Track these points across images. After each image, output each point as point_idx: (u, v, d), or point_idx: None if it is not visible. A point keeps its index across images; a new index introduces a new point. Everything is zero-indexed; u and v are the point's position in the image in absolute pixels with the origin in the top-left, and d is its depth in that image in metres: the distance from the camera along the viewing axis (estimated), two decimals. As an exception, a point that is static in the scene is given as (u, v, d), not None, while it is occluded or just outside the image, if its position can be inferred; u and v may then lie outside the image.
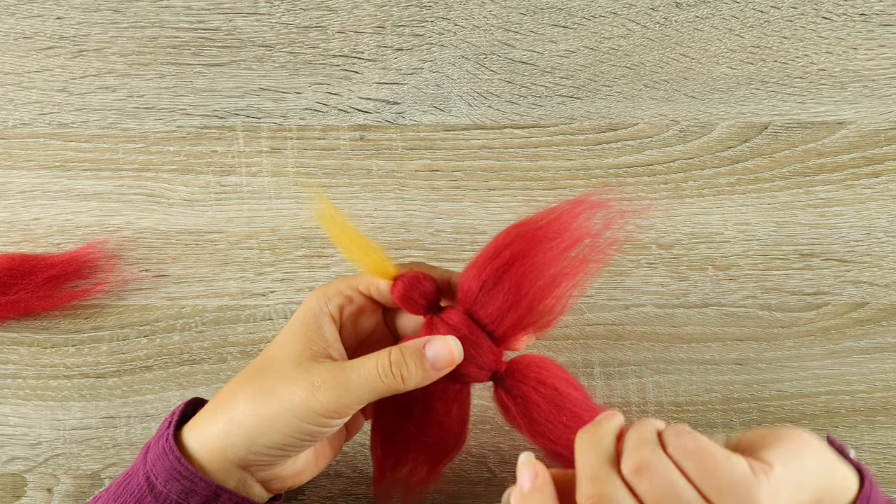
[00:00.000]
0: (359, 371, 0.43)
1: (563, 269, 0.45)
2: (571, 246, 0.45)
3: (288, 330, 0.46)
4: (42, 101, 0.60)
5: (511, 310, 0.45)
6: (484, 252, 0.45)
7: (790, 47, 0.60)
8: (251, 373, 0.45)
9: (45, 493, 0.58)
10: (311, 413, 0.43)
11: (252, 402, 0.43)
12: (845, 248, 0.59)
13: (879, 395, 0.58)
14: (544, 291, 0.44)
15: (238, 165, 0.60)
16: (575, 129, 0.60)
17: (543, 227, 0.45)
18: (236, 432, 0.43)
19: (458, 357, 0.45)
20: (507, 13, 0.60)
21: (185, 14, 0.60)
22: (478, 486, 0.58)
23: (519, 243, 0.44)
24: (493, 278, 0.44)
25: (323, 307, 0.46)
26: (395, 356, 0.43)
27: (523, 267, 0.44)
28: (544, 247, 0.44)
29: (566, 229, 0.45)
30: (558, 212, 0.45)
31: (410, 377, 0.43)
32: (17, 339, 0.59)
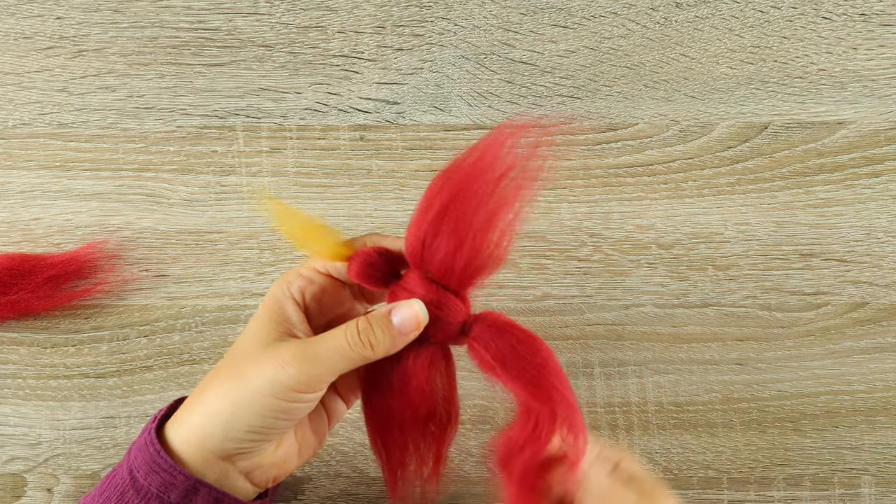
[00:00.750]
0: (327, 342, 0.43)
1: (498, 202, 0.44)
2: (501, 178, 0.44)
3: (254, 319, 0.46)
4: (42, 101, 0.60)
5: (457, 255, 0.44)
6: (418, 207, 0.45)
7: (790, 47, 0.60)
8: (223, 364, 0.45)
9: (45, 493, 0.58)
10: (283, 388, 0.43)
11: (224, 388, 0.43)
12: (845, 248, 0.59)
13: (879, 395, 0.58)
14: (485, 228, 0.44)
15: (238, 165, 0.60)
16: (575, 129, 0.60)
17: (469, 166, 0.44)
18: (212, 422, 0.43)
19: (424, 318, 0.45)
20: (507, 13, 0.60)
21: (185, 14, 0.60)
22: (478, 486, 0.58)
23: (448, 188, 0.44)
24: (431, 230, 0.44)
25: (284, 291, 0.46)
26: (362, 325, 0.44)
27: (457, 210, 0.43)
28: (474, 185, 0.43)
29: (492, 163, 0.44)
30: (480, 147, 0.44)
31: (379, 343, 0.44)
32: (17, 339, 0.59)
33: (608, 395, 0.57)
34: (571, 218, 0.59)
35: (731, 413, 0.58)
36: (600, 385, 0.58)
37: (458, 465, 0.58)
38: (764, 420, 0.58)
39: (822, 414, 0.58)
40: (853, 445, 0.57)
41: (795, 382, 0.58)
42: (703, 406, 0.58)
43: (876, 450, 0.57)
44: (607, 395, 0.57)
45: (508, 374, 0.45)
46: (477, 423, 0.58)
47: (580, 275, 0.59)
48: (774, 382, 0.58)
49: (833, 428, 0.58)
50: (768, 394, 0.58)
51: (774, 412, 0.58)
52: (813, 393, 0.58)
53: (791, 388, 0.58)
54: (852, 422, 0.58)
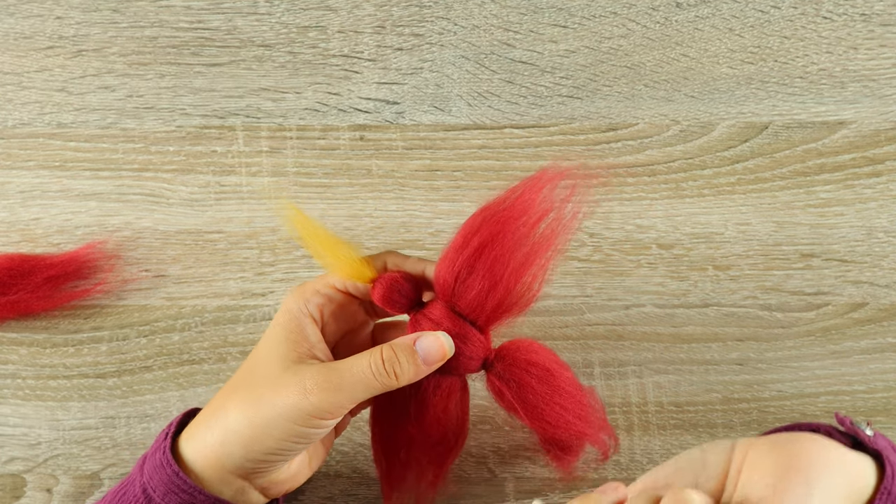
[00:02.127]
0: (351, 370, 0.43)
1: (534, 246, 0.44)
2: (538, 221, 0.45)
3: (270, 335, 0.46)
4: (42, 101, 0.60)
5: (490, 295, 0.44)
6: (454, 242, 0.45)
7: (790, 47, 0.60)
8: (240, 380, 0.45)
9: (45, 493, 0.58)
10: (304, 416, 0.43)
11: (244, 409, 0.43)
12: (845, 248, 0.59)
13: (879, 395, 0.58)
14: (519, 271, 0.44)
15: (238, 165, 0.60)
16: (575, 129, 0.60)
17: (508, 208, 0.44)
18: (232, 441, 0.43)
19: (450, 351, 0.45)
20: (507, 13, 0.60)
21: (184, 14, 0.60)
22: (478, 486, 0.58)
23: (486, 227, 0.44)
24: (466, 267, 0.44)
25: (302, 308, 0.46)
26: (387, 354, 0.43)
27: (494, 251, 0.44)
28: (512, 227, 0.44)
29: (531, 206, 0.44)
30: (520, 190, 0.45)
31: (403, 373, 0.44)
32: (17, 339, 0.59)
33: (608, 396, 0.57)
34: (571, 218, 0.59)
35: (731, 413, 0.58)
36: (600, 385, 0.58)
37: (458, 465, 0.58)
38: (764, 420, 0.58)
39: (822, 414, 0.58)
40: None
41: (796, 383, 0.58)
42: (703, 406, 0.58)
43: (876, 450, 0.57)
44: (607, 396, 0.57)
45: (527, 413, 0.46)
46: (477, 422, 0.58)
47: (580, 275, 0.59)
48: (774, 382, 0.58)
49: (833, 428, 0.58)
50: (768, 394, 0.58)
51: (774, 412, 0.58)
52: (813, 393, 0.58)
53: (791, 389, 0.58)
54: (853, 422, 0.58)
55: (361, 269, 0.46)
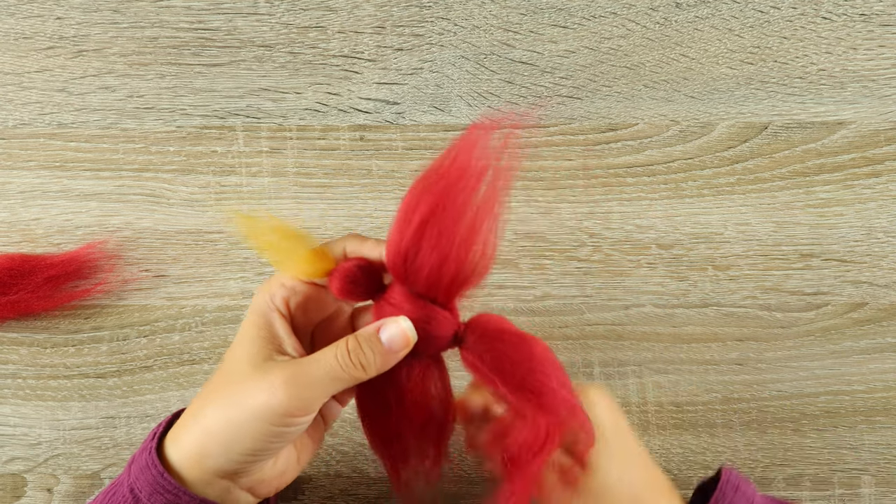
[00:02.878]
0: (318, 364, 0.43)
1: (478, 210, 0.42)
2: (477, 183, 0.42)
3: (241, 333, 0.45)
4: (42, 101, 0.60)
5: (442, 270, 0.43)
6: (396, 221, 0.43)
7: (790, 47, 0.60)
8: (216, 381, 0.45)
9: (45, 493, 0.58)
10: (276, 414, 0.42)
11: (219, 410, 0.43)
12: (845, 248, 0.59)
13: (879, 395, 0.58)
14: (468, 240, 0.43)
15: (238, 165, 0.60)
16: (575, 129, 0.60)
17: (444, 175, 0.43)
18: (210, 442, 0.43)
19: (412, 335, 0.44)
20: (507, 13, 0.60)
21: (185, 14, 0.60)
22: (478, 486, 0.58)
23: (426, 200, 0.43)
24: (413, 246, 0.43)
25: (269, 303, 0.45)
26: (351, 345, 0.43)
27: (438, 223, 0.42)
28: (451, 194, 0.42)
29: (466, 168, 0.42)
30: (453, 153, 0.43)
31: (370, 363, 0.43)
32: (17, 339, 0.59)
33: (608, 395, 0.57)
34: (571, 218, 0.59)
35: (731, 413, 0.58)
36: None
37: (458, 465, 0.58)
38: (764, 420, 0.58)
39: (822, 414, 0.58)
40: (853, 445, 0.57)
41: (795, 382, 0.58)
42: (703, 406, 0.58)
43: (876, 450, 0.57)
44: (607, 395, 0.57)
45: (507, 384, 0.45)
46: (477, 423, 0.58)
47: (580, 275, 0.59)
48: (774, 382, 0.58)
49: (833, 428, 0.58)
50: (768, 394, 0.58)
51: (774, 412, 0.58)
52: (813, 393, 0.58)
53: (791, 389, 0.58)
54: (852, 422, 0.58)
55: (317, 263, 0.45)
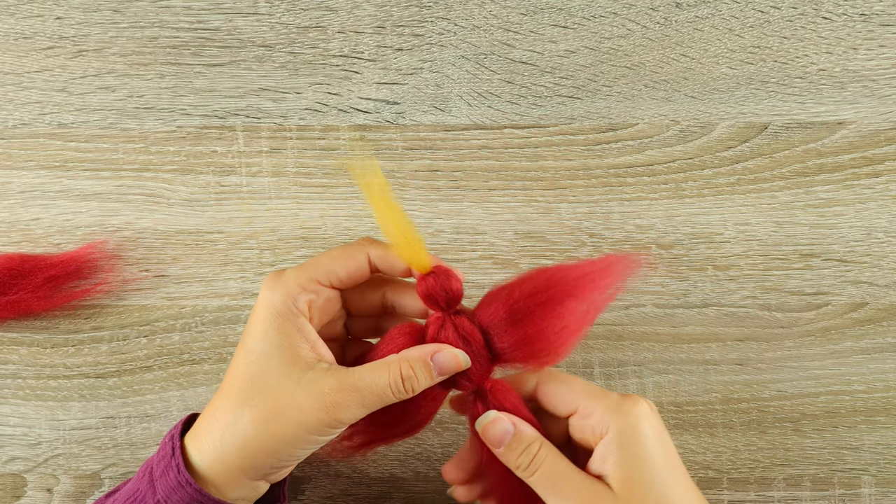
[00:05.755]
0: (370, 387, 0.44)
1: (578, 319, 0.46)
2: (594, 300, 0.46)
3: (263, 338, 0.45)
4: (42, 101, 0.60)
5: (524, 345, 0.46)
6: (524, 284, 0.46)
7: (790, 47, 0.60)
8: (247, 391, 0.44)
9: (45, 493, 0.58)
10: (325, 427, 0.43)
11: (263, 425, 0.43)
12: (845, 248, 0.59)
13: (879, 395, 0.58)
14: (558, 337, 0.46)
15: (238, 165, 0.60)
16: (575, 129, 0.60)
17: (581, 280, 0.46)
18: (254, 456, 0.44)
19: (465, 365, 0.46)
20: (507, 13, 0.60)
21: (185, 14, 0.60)
22: (478, 486, 0.58)
23: (557, 288, 0.45)
24: (522, 312, 0.46)
25: (292, 308, 0.45)
26: (405, 371, 0.44)
27: (554, 312, 0.45)
28: (574, 299, 0.46)
29: (598, 288, 0.46)
30: (600, 267, 0.46)
31: (419, 388, 0.45)
32: (17, 339, 0.59)
33: (608, 395, 0.57)
34: (571, 218, 0.59)
35: (731, 413, 0.58)
36: (600, 385, 0.58)
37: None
38: (764, 420, 0.58)
39: (822, 414, 0.58)
40: (853, 445, 0.57)
41: (795, 382, 0.58)
42: (703, 406, 0.58)
43: (876, 450, 0.57)
44: (607, 395, 0.57)
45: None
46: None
47: (580, 275, 0.59)
48: (774, 382, 0.58)
49: (833, 428, 0.58)
50: (768, 394, 0.58)
51: (774, 412, 0.58)
52: (813, 393, 0.58)
53: (791, 389, 0.58)
54: (852, 422, 0.58)
55: (422, 257, 0.46)
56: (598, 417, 0.45)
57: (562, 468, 0.44)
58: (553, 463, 0.44)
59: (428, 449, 0.58)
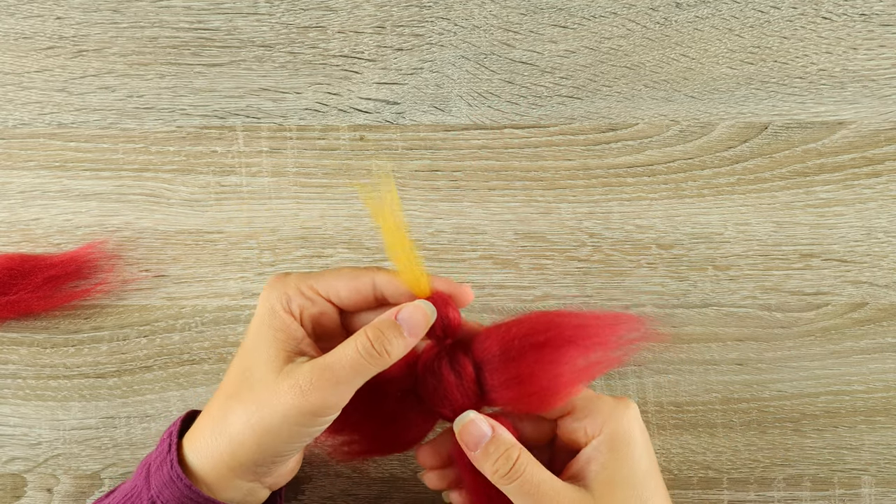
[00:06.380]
0: (341, 361, 0.43)
1: (575, 370, 0.45)
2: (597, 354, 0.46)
3: (255, 334, 0.45)
4: (42, 101, 0.60)
5: (514, 385, 0.45)
6: (522, 324, 0.45)
7: (790, 47, 0.60)
8: (235, 385, 0.45)
9: (45, 493, 0.58)
10: (307, 416, 0.43)
11: (247, 418, 0.43)
12: (845, 248, 0.59)
13: (879, 395, 0.58)
14: (551, 384, 0.45)
15: (238, 165, 0.60)
16: (575, 129, 0.60)
17: (581, 330, 0.45)
18: (240, 451, 0.44)
19: (432, 316, 0.45)
20: (507, 13, 0.60)
21: (185, 14, 0.60)
22: (478, 486, 0.58)
23: (555, 332, 0.45)
24: (516, 350, 0.45)
25: (285, 306, 0.45)
26: (372, 333, 0.43)
27: (549, 356, 0.45)
28: (574, 346, 0.45)
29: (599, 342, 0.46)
30: (603, 321, 0.46)
31: (393, 348, 0.44)
32: (17, 339, 0.59)
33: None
34: (571, 218, 0.59)
35: (731, 413, 0.58)
36: (600, 385, 0.58)
37: (458, 465, 0.58)
38: (764, 420, 0.58)
39: (822, 414, 0.58)
40: (853, 445, 0.57)
41: (795, 382, 0.58)
42: (703, 406, 0.58)
43: (876, 450, 0.57)
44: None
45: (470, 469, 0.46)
46: (477, 423, 0.58)
47: (580, 275, 0.59)
48: (774, 382, 0.58)
49: (833, 428, 0.58)
50: (768, 394, 0.58)
51: (774, 412, 0.58)
52: (813, 393, 0.58)
53: (791, 389, 0.58)
54: (852, 422, 0.58)
55: (422, 282, 0.45)
56: (594, 419, 0.45)
57: (542, 476, 0.44)
58: (532, 472, 0.44)
59: (428, 449, 0.58)
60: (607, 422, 0.45)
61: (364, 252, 0.59)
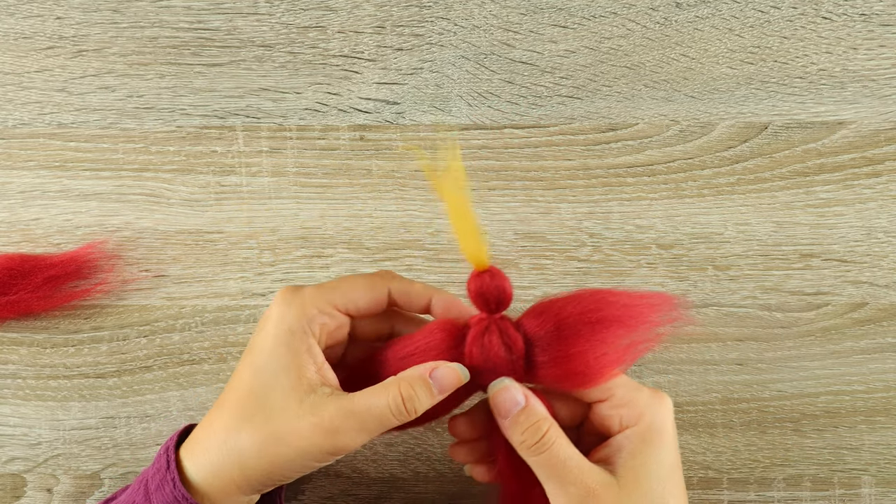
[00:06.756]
0: (370, 410, 0.43)
1: (619, 350, 0.45)
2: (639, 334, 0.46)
3: (272, 354, 0.44)
4: (42, 101, 0.60)
5: (562, 363, 0.45)
6: (577, 302, 0.45)
7: (790, 47, 0.60)
8: (249, 408, 0.44)
9: (45, 493, 0.58)
10: (324, 453, 0.43)
11: (262, 446, 0.43)
12: (845, 248, 0.59)
13: (879, 395, 0.58)
14: (596, 363, 0.45)
15: (238, 165, 0.60)
16: (575, 129, 0.60)
17: (629, 309, 0.45)
18: (250, 474, 0.43)
19: (465, 379, 0.45)
20: (507, 13, 0.60)
21: (185, 14, 0.60)
22: (478, 486, 0.58)
23: (606, 311, 0.45)
24: (570, 328, 0.45)
25: (306, 329, 0.44)
26: (405, 391, 0.43)
27: (599, 335, 0.44)
28: (622, 326, 0.45)
29: (644, 321, 0.46)
30: (647, 300, 0.46)
31: (421, 407, 0.44)
32: (17, 339, 0.59)
33: (608, 396, 0.57)
34: (571, 218, 0.59)
35: (731, 413, 0.58)
36: (600, 385, 0.58)
37: (458, 465, 0.58)
38: (764, 420, 0.58)
39: (822, 414, 0.58)
40: (853, 445, 0.57)
41: (795, 382, 0.58)
42: (703, 406, 0.58)
43: (876, 450, 0.57)
44: (607, 396, 0.57)
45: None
46: (477, 423, 0.58)
47: (580, 275, 0.59)
48: (774, 382, 0.58)
49: (833, 428, 0.58)
50: (768, 394, 0.58)
51: (774, 412, 0.58)
52: (813, 393, 0.58)
53: (791, 389, 0.58)
54: (852, 422, 0.58)
55: (483, 253, 0.45)
56: (631, 409, 0.45)
57: (569, 453, 0.44)
58: (561, 447, 0.44)
59: (428, 449, 0.58)
60: (644, 413, 0.45)
61: (364, 252, 0.59)
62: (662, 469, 0.45)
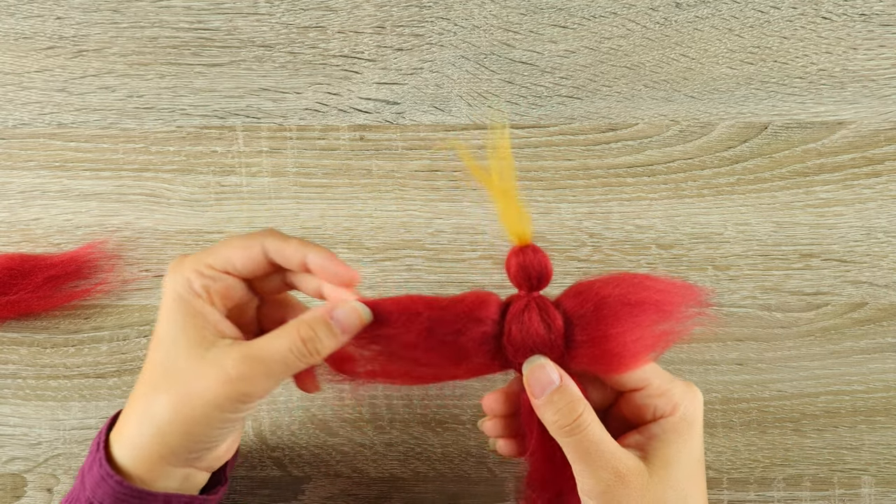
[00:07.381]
0: (272, 354, 0.42)
1: (654, 335, 0.45)
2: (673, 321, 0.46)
3: (168, 323, 0.44)
4: (42, 101, 0.60)
5: (600, 343, 0.45)
6: (618, 283, 0.45)
7: (790, 47, 0.60)
8: (158, 376, 0.44)
9: (45, 493, 0.58)
10: (231, 401, 0.42)
11: (173, 407, 0.43)
12: (845, 248, 0.59)
13: (879, 395, 0.58)
14: (633, 346, 0.45)
15: (238, 165, 0.60)
16: (575, 129, 0.60)
17: (665, 294, 0.45)
18: (169, 440, 0.43)
19: (367, 319, 0.44)
20: (507, 13, 0.60)
21: (185, 14, 0.60)
22: (478, 486, 0.58)
23: (645, 295, 0.45)
24: (610, 308, 0.44)
25: (188, 288, 0.45)
26: (305, 333, 0.43)
27: (637, 318, 0.45)
28: (659, 311, 0.45)
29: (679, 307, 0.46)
30: (681, 288, 0.46)
31: (324, 348, 0.43)
32: (17, 339, 0.59)
33: (608, 395, 0.57)
34: (571, 218, 0.59)
35: (731, 413, 0.58)
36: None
37: (458, 465, 0.58)
38: (764, 420, 0.58)
39: (822, 414, 0.58)
40: (853, 445, 0.57)
41: (795, 382, 0.58)
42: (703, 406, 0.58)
43: (876, 450, 0.57)
44: (607, 395, 0.57)
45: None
46: (476, 422, 0.58)
47: (580, 275, 0.59)
48: (774, 382, 0.58)
49: (833, 428, 0.58)
50: (768, 394, 0.58)
51: (774, 412, 0.58)
52: (813, 393, 0.58)
53: (791, 389, 0.58)
54: (852, 422, 0.58)
55: (527, 229, 0.45)
56: (667, 400, 0.46)
57: (602, 436, 0.44)
58: (594, 429, 0.44)
59: (428, 449, 0.58)
60: (678, 405, 0.46)
61: (364, 252, 0.59)
62: (691, 461, 0.46)
